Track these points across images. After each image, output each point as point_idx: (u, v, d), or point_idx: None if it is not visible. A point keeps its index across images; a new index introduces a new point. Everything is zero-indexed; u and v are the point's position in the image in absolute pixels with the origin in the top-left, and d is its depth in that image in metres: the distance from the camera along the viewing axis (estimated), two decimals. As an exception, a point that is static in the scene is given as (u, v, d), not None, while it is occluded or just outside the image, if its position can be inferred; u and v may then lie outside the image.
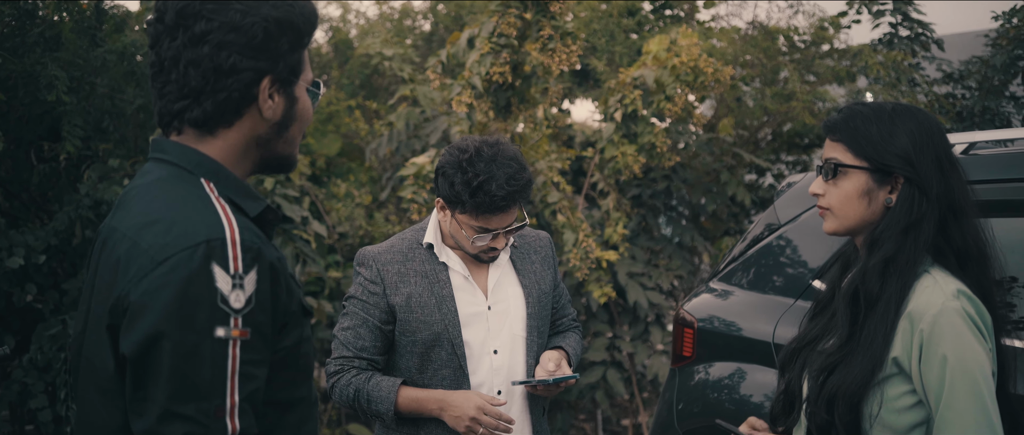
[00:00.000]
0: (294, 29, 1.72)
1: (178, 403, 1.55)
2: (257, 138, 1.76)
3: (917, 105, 5.61)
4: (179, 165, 1.72)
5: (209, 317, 1.56)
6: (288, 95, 1.75)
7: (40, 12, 5.19)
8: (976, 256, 2.13)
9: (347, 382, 2.84)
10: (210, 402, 1.56)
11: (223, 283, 1.57)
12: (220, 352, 1.57)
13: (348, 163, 7.42)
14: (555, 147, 6.13)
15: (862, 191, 2.15)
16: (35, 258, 4.94)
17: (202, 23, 1.66)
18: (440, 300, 2.84)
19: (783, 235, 3.51)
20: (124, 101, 5.49)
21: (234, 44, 1.66)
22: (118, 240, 1.66)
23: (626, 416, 7.12)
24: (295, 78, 1.76)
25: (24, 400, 5.04)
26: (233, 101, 1.70)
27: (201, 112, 1.70)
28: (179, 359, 1.55)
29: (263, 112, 1.72)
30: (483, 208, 2.72)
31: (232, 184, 1.73)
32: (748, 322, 3.47)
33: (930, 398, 2.02)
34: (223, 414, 1.57)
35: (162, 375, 1.55)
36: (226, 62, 1.66)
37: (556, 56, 5.25)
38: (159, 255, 1.58)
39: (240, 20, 1.66)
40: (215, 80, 1.67)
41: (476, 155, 2.73)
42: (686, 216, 7.10)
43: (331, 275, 6.21)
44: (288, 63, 1.73)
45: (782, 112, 6.58)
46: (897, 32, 6.21)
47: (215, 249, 1.58)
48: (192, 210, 1.64)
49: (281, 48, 1.71)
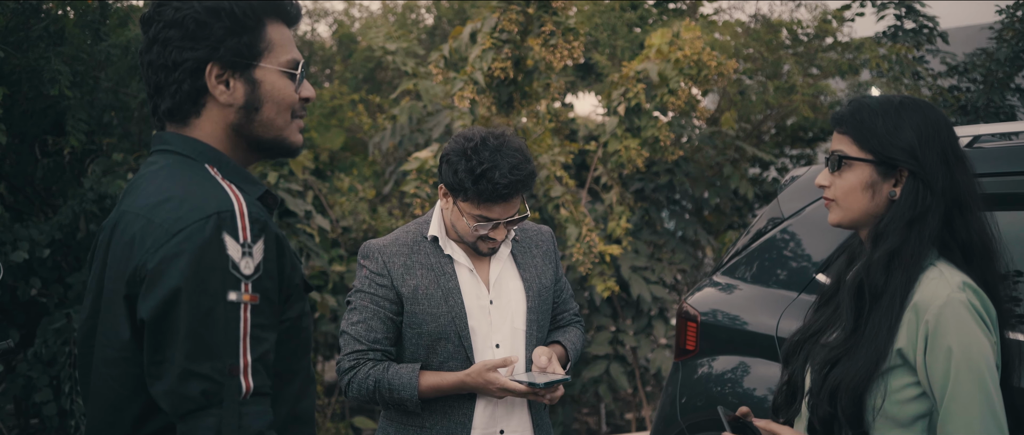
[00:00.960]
0: (228, 14, 1.79)
1: (195, 362, 1.64)
2: (231, 125, 1.84)
3: (920, 98, 5.62)
4: (182, 153, 1.82)
5: (222, 282, 1.65)
6: (247, 78, 1.82)
7: (44, 7, 5.20)
8: (981, 250, 2.13)
9: (366, 375, 2.83)
10: (224, 361, 1.65)
11: (234, 251, 1.67)
12: (233, 315, 1.66)
13: (351, 157, 7.43)
14: (558, 141, 6.13)
15: (866, 184, 2.15)
16: (39, 252, 4.95)
17: (154, 26, 1.80)
18: (446, 292, 2.85)
19: (787, 229, 3.51)
20: (128, 95, 5.50)
21: (173, 39, 1.78)
22: (130, 220, 1.74)
23: (629, 410, 7.13)
24: (248, 61, 1.81)
25: (29, 394, 5.06)
26: (185, 92, 1.80)
27: (166, 106, 1.82)
28: (195, 321, 1.64)
29: (218, 98, 1.81)
30: (485, 196, 2.73)
31: (232, 169, 1.83)
32: (751, 316, 3.47)
33: (935, 390, 2.02)
34: (237, 372, 1.66)
35: (179, 336, 1.64)
36: (170, 57, 1.78)
37: (558, 52, 5.25)
38: (173, 227, 1.67)
39: (173, 15, 1.78)
40: (166, 75, 1.80)
41: (481, 144, 2.75)
42: (689, 210, 7.10)
43: (334, 269, 6.22)
44: (229, 47, 1.79)
45: (784, 105, 6.58)
46: (902, 25, 6.20)
47: (225, 220, 1.68)
48: (200, 188, 1.73)
49: (216, 34, 1.78)
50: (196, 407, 1.64)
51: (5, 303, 5.15)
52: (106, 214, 5.16)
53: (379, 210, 6.81)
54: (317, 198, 6.56)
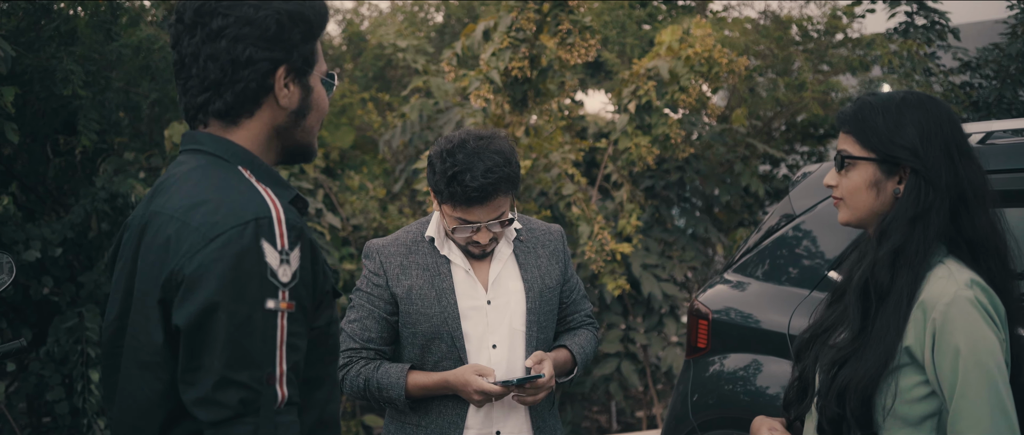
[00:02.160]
0: (305, 21, 1.81)
1: (233, 371, 1.63)
2: (277, 127, 1.84)
3: (932, 94, 5.61)
4: (215, 154, 1.80)
5: (260, 289, 1.64)
6: (303, 85, 1.84)
7: (56, 7, 5.21)
8: (990, 246, 2.12)
9: (357, 373, 2.86)
10: (262, 370, 1.65)
11: (272, 258, 1.66)
12: (271, 323, 1.65)
13: (362, 155, 7.44)
14: (569, 138, 6.12)
15: (870, 182, 2.15)
16: (51, 251, 4.97)
17: (218, 19, 1.75)
18: (440, 293, 2.85)
19: (799, 226, 3.50)
20: (139, 95, 5.51)
21: (249, 37, 1.76)
22: (164, 222, 1.72)
23: (640, 408, 7.12)
24: (309, 68, 1.85)
25: (41, 392, 5.08)
26: (251, 91, 1.79)
27: (222, 103, 1.79)
28: (234, 328, 1.63)
29: (279, 100, 1.81)
30: (458, 199, 2.73)
31: (264, 172, 1.82)
32: (763, 313, 3.46)
33: (944, 388, 2.01)
34: (274, 381, 1.66)
35: (218, 344, 1.63)
36: (242, 54, 1.76)
37: (574, 50, 5.24)
38: (211, 232, 1.65)
39: (254, 14, 1.76)
40: (233, 72, 1.77)
41: (459, 146, 2.74)
42: (700, 207, 7.09)
43: (345, 267, 6.23)
44: (301, 53, 1.82)
45: (795, 102, 6.57)
46: (913, 21, 6.18)
47: (263, 226, 1.66)
48: (236, 192, 1.72)
49: (294, 39, 1.80)
50: (232, 415, 1.63)
51: (17, 302, 5.16)
52: (118, 213, 5.18)
53: (389, 208, 6.82)
54: (327, 196, 6.57)
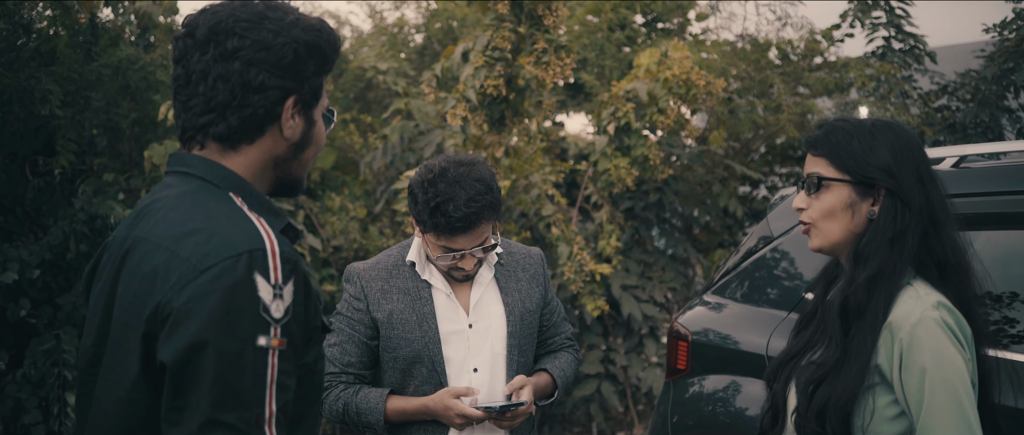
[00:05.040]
0: (321, 54, 1.77)
1: (221, 411, 1.55)
2: (276, 158, 1.79)
3: (909, 117, 5.66)
4: (205, 179, 1.73)
5: (252, 325, 1.57)
6: (308, 117, 1.80)
7: (35, 26, 5.20)
8: (956, 267, 2.16)
9: (336, 397, 2.85)
10: (251, 411, 1.57)
11: (265, 293, 1.59)
12: (261, 361, 1.58)
13: (343, 176, 7.43)
14: (549, 160, 6.14)
15: (845, 204, 2.18)
16: (29, 273, 4.93)
17: (234, 40, 1.70)
18: (421, 317, 2.84)
19: (777, 247, 3.52)
20: (119, 115, 5.50)
21: (264, 62, 1.70)
22: (150, 250, 1.66)
23: (621, 428, 7.12)
24: (316, 101, 1.80)
25: (17, 415, 5.03)
26: (258, 118, 1.73)
27: (226, 126, 1.73)
28: (223, 366, 1.55)
29: (284, 131, 1.76)
30: (441, 229, 2.72)
31: (257, 199, 1.75)
32: (742, 334, 3.48)
33: (911, 407, 2.04)
34: (263, 423, 1.58)
35: (205, 382, 1.55)
36: (255, 79, 1.70)
37: (550, 69, 5.26)
38: (202, 263, 1.59)
39: (272, 40, 1.71)
40: (243, 96, 1.71)
41: (440, 175, 2.72)
42: (679, 228, 7.11)
43: (325, 289, 6.22)
44: (312, 86, 1.77)
45: (772, 125, 6.61)
46: (890, 45, 6.24)
47: (257, 259, 1.60)
48: (229, 221, 1.65)
49: (307, 70, 1.75)
50: None
51: (-6, 324, 5.13)
52: (97, 235, 5.15)
53: (370, 229, 6.81)
54: (308, 217, 6.56)
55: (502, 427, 2.84)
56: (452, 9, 8.42)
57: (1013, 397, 2.61)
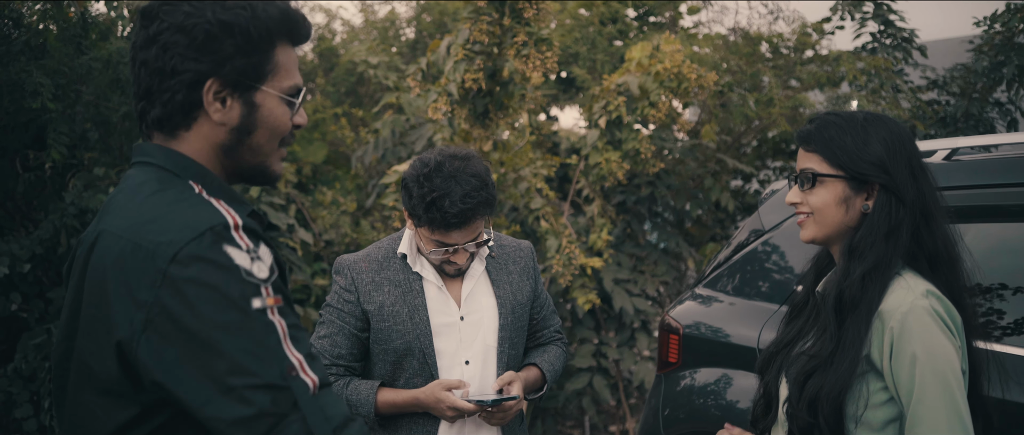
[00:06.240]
0: (242, 32, 1.67)
1: (246, 376, 1.52)
2: (219, 145, 1.72)
3: (900, 111, 5.67)
4: (165, 168, 1.70)
5: (241, 292, 1.55)
6: (245, 100, 1.71)
7: (25, 20, 5.18)
8: (946, 259, 2.18)
9: None
10: (275, 367, 1.54)
11: (242, 259, 1.56)
12: (263, 322, 1.55)
13: (334, 170, 7.43)
14: (540, 154, 6.14)
15: (840, 199, 2.19)
16: (20, 267, 4.92)
17: (156, 24, 1.66)
18: (412, 310, 2.84)
19: (768, 241, 3.53)
20: (109, 109, 5.48)
21: (178, 45, 1.65)
22: (111, 242, 1.62)
23: (613, 422, 7.13)
24: (252, 83, 1.70)
25: (9, 409, 5.02)
26: (177, 103, 1.68)
27: (156, 113, 1.69)
28: (231, 340, 1.53)
29: (211, 116, 1.69)
30: (436, 224, 2.72)
31: (218, 187, 1.71)
32: (734, 328, 3.49)
33: (902, 394, 2.07)
34: (295, 371, 1.56)
35: (223, 361, 1.52)
36: (168, 63, 1.65)
37: (530, 62, 5.24)
38: (167, 251, 1.55)
39: (184, 21, 1.65)
40: (160, 81, 1.67)
41: (436, 170, 2.72)
42: (671, 222, 7.12)
43: (317, 283, 6.21)
44: (235, 66, 1.68)
45: (764, 118, 6.62)
46: (880, 40, 6.25)
47: (220, 233, 1.57)
48: (187, 206, 1.62)
49: (225, 50, 1.67)
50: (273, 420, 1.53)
51: (-15, 318, 5.12)
52: (88, 228, 5.14)
53: (362, 223, 6.80)
54: (299, 211, 6.55)
55: (493, 423, 2.84)
56: (443, 3, 8.41)
57: (1001, 389, 2.61)
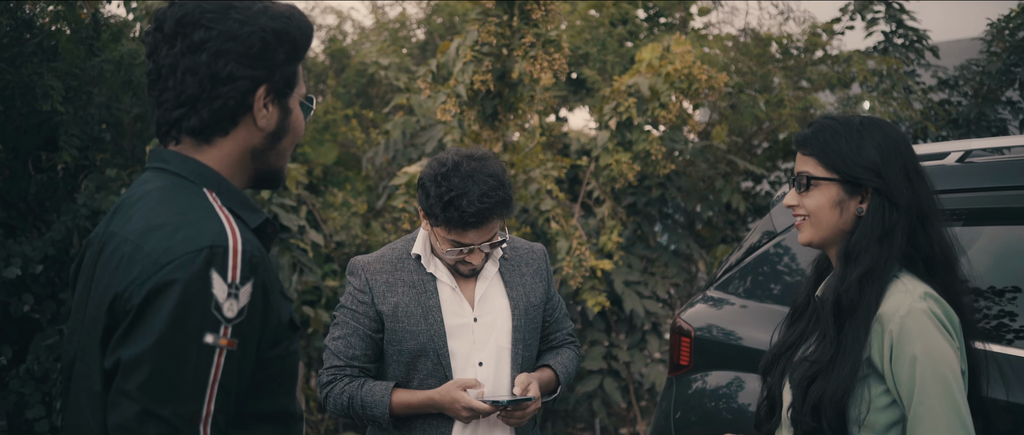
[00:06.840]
0: (291, 41, 1.74)
1: (157, 404, 1.55)
2: (252, 149, 1.77)
3: (912, 112, 5.66)
4: (180, 175, 1.72)
5: (201, 322, 1.57)
6: (282, 106, 1.77)
7: (38, 22, 5.20)
8: (943, 261, 2.20)
9: (341, 390, 2.85)
10: (187, 407, 1.57)
11: (219, 290, 1.58)
12: (205, 358, 1.57)
13: (345, 172, 7.44)
14: (550, 156, 6.13)
15: (834, 202, 2.21)
16: (32, 268, 4.94)
17: (201, 31, 1.68)
18: (426, 311, 2.85)
19: (780, 243, 3.52)
20: (121, 111, 5.50)
21: (232, 52, 1.68)
22: (119, 244, 1.65)
23: (624, 425, 7.12)
24: (289, 90, 1.78)
25: (21, 410, 5.04)
26: (229, 109, 1.71)
27: (198, 120, 1.71)
28: (165, 359, 1.55)
29: (257, 121, 1.74)
30: (454, 223, 2.72)
31: (233, 195, 1.74)
32: (745, 331, 3.48)
33: (902, 396, 2.08)
34: (198, 421, 1.57)
35: (146, 373, 1.55)
36: (223, 70, 1.68)
37: (538, 63, 5.23)
38: (163, 259, 1.58)
39: (238, 29, 1.68)
40: (212, 88, 1.69)
41: (453, 169, 2.72)
42: (682, 224, 7.11)
43: (328, 284, 6.22)
44: (283, 74, 1.75)
45: (775, 119, 6.61)
46: (891, 40, 6.23)
47: (217, 256, 1.59)
48: (197, 217, 1.64)
49: (277, 58, 1.72)
50: None
51: (-2, 319, 5.14)
52: (100, 230, 5.15)
53: (372, 225, 6.81)
54: (310, 213, 6.56)
55: (510, 423, 2.84)
56: (453, 4, 8.41)
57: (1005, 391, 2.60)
